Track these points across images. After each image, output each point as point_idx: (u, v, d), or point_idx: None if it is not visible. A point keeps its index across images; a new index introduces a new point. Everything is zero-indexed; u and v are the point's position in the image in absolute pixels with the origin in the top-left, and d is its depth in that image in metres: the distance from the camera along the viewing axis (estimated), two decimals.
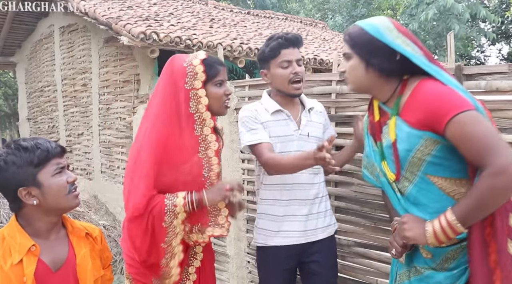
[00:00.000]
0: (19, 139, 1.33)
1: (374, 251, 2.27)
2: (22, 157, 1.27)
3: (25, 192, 1.28)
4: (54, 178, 1.31)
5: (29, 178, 1.28)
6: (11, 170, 1.26)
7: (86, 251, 1.42)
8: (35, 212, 1.32)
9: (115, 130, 5.09)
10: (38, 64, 7.51)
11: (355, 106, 2.34)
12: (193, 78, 1.65)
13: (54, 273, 1.34)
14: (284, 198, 1.98)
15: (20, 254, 1.26)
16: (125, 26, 3.69)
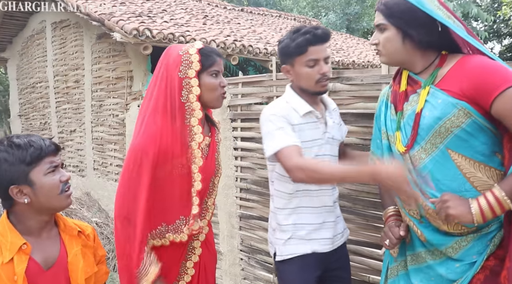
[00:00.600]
0: (12, 136, 1.31)
1: (366, 248, 2.29)
2: (14, 154, 1.25)
3: (16, 190, 1.26)
4: (46, 177, 1.29)
5: (21, 176, 1.26)
6: (2, 167, 1.25)
7: (77, 250, 1.40)
8: (26, 211, 1.30)
9: (107, 127, 5.06)
10: (30, 60, 7.45)
11: (347, 104, 2.34)
12: (187, 67, 1.61)
13: (45, 272, 1.33)
14: (315, 205, 1.79)
15: (11, 253, 1.25)
16: (118, 22, 3.66)
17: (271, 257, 2.74)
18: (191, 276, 1.79)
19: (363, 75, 2.27)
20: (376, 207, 2.24)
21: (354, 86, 2.31)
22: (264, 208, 2.82)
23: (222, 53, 4.03)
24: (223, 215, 3.09)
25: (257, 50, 4.50)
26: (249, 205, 2.92)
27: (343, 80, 2.34)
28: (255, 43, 4.76)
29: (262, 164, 2.80)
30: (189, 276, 1.78)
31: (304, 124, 1.70)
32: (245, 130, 2.92)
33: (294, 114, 1.70)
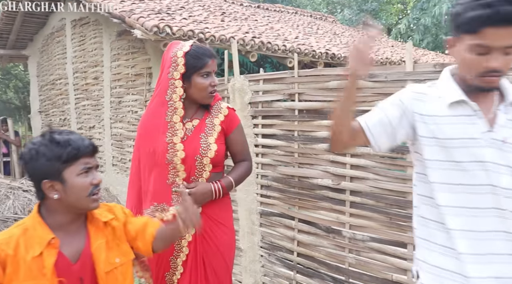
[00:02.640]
0: (54, 131, 1.34)
1: (389, 246, 2.27)
2: (52, 150, 1.29)
3: (48, 184, 1.30)
4: (78, 178, 1.32)
5: (54, 172, 1.30)
6: (40, 161, 1.29)
7: (102, 242, 1.42)
8: (56, 205, 1.34)
9: (126, 123, 5.11)
10: (50, 57, 7.55)
11: (371, 100, 2.32)
12: (174, 69, 1.81)
13: (73, 265, 1.35)
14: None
15: (40, 247, 1.28)
16: (138, 20, 3.69)
17: (292, 254, 2.76)
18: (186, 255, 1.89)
19: (387, 72, 2.25)
20: (400, 206, 2.22)
21: (377, 83, 2.30)
22: (285, 205, 2.82)
23: (241, 50, 4.05)
24: (243, 211, 3.10)
25: (276, 47, 4.49)
26: (269, 202, 2.92)
27: (367, 77, 2.32)
28: (273, 40, 4.74)
29: (283, 161, 2.80)
30: (184, 255, 1.89)
31: (449, 117, 1.25)
32: (266, 127, 2.92)
33: (435, 102, 1.28)
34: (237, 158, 2.04)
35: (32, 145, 1.31)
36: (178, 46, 1.85)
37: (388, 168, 2.28)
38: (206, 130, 1.90)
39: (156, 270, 1.93)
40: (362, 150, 2.35)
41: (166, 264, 1.91)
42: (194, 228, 1.50)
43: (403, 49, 8.17)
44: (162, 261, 1.91)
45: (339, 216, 2.49)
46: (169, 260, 1.91)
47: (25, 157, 1.32)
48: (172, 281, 1.92)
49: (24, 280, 1.25)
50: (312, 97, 2.64)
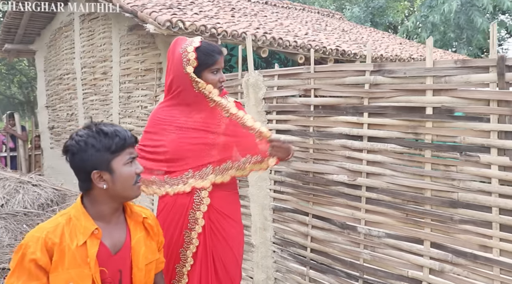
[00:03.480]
0: (99, 123, 1.40)
1: (405, 243, 2.27)
2: (101, 141, 1.34)
3: (97, 175, 1.35)
4: (125, 167, 1.38)
5: (103, 162, 1.35)
6: (89, 152, 1.33)
7: (141, 236, 1.48)
8: (101, 196, 1.38)
9: (136, 118, 5.10)
10: (58, 52, 7.55)
11: (389, 96, 2.32)
12: (187, 64, 1.83)
13: (113, 256, 1.40)
14: None
15: (84, 236, 1.32)
16: (151, 14, 3.68)
17: (305, 250, 2.76)
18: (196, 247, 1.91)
19: (406, 68, 2.24)
20: (416, 202, 2.21)
21: (396, 79, 2.29)
22: (298, 200, 2.82)
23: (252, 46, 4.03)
24: (255, 207, 3.10)
25: (287, 43, 4.48)
26: (283, 198, 2.92)
27: (385, 73, 2.32)
28: (284, 35, 4.73)
29: (297, 157, 2.79)
30: (194, 246, 1.91)
31: None
32: (280, 122, 2.91)
33: None
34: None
35: (80, 137, 1.35)
36: (187, 42, 1.88)
37: (406, 164, 2.27)
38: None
39: (166, 262, 1.94)
40: (379, 146, 2.34)
41: (176, 256, 1.94)
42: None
43: (411, 46, 8.13)
44: (173, 253, 1.94)
45: (354, 212, 2.49)
46: (179, 252, 1.94)
47: (72, 148, 1.35)
48: (182, 273, 1.95)
49: (69, 267, 1.29)
50: (328, 92, 2.63)
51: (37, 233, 1.30)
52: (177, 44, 1.90)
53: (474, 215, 2.01)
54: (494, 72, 1.93)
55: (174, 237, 1.92)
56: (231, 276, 1.98)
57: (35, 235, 1.30)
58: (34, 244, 1.27)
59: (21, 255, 1.28)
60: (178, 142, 1.88)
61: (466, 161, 2.03)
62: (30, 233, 1.32)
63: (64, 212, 1.40)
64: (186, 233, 1.92)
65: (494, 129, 1.94)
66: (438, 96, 2.12)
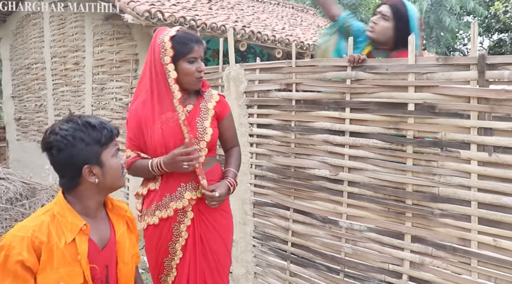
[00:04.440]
0: (83, 116, 1.34)
1: (386, 237, 2.30)
2: (90, 134, 1.29)
3: (88, 169, 1.30)
4: (113, 159, 1.36)
5: (94, 156, 1.30)
6: (79, 146, 1.28)
7: (124, 230, 1.46)
8: (90, 190, 1.34)
9: (110, 111, 4.98)
10: (25, 40, 7.27)
11: (371, 92, 2.34)
12: (164, 54, 1.81)
13: (100, 251, 1.36)
14: None
15: (72, 233, 1.28)
16: (129, 4, 3.58)
17: (286, 244, 2.77)
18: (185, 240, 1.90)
19: (388, 64, 2.27)
20: (398, 196, 2.25)
21: (378, 75, 2.31)
22: (279, 195, 2.82)
23: None
24: (235, 201, 3.08)
25: (265, 37, 4.47)
26: (263, 192, 2.91)
27: (367, 68, 2.34)
28: (262, 29, 4.71)
29: (279, 151, 2.79)
30: (183, 240, 1.90)
31: None
32: (262, 116, 2.90)
33: None
34: (229, 144, 2.10)
35: (65, 131, 1.28)
36: (165, 32, 1.86)
37: (387, 159, 2.30)
38: (201, 115, 1.93)
39: (155, 256, 1.94)
40: (361, 142, 2.37)
41: (165, 250, 1.92)
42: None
43: None
44: (161, 246, 1.92)
45: (336, 206, 2.51)
46: (168, 245, 1.91)
47: (59, 144, 1.27)
48: (171, 266, 1.93)
49: (58, 267, 1.24)
50: (309, 87, 2.63)
51: (20, 233, 1.23)
52: (157, 35, 1.88)
53: (454, 209, 2.06)
54: (474, 70, 1.98)
55: (163, 231, 1.89)
56: (222, 265, 2.00)
57: (18, 234, 1.22)
58: (19, 244, 1.20)
59: (4, 257, 1.20)
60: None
61: (447, 157, 2.08)
62: (10, 232, 1.24)
63: (45, 209, 1.34)
64: (175, 226, 1.89)
65: (474, 125, 1.99)
66: (420, 92, 2.15)
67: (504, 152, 1.91)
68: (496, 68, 1.93)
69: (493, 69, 1.94)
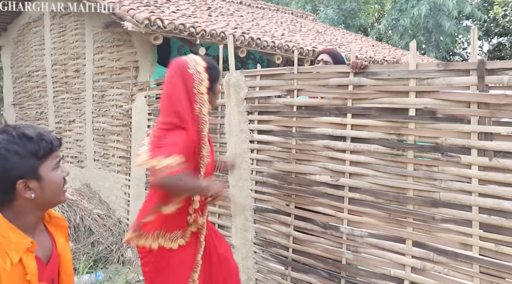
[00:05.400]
0: (19, 127, 1.22)
1: (387, 242, 2.30)
2: (26, 147, 1.18)
3: (23, 184, 1.19)
4: (53, 172, 1.25)
5: (30, 170, 1.19)
6: (12, 160, 1.16)
7: (63, 241, 1.38)
8: (27, 206, 1.23)
9: (110, 118, 4.98)
10: (26, 48, 7.29)
11: (373, 98, 2.35)
12: (200, 84, 1.89)
13: (46, 266, 1.29)
14: None
15: (18, 253, 1.18)
16: (129, 11, 3.60)
17: (287, 250, 2.77)
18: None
19: (390, 70, 2.28)
20: (399, 202, 2.26)
21: (379, 81, 2.32)
22: (280, 201, 2.82)
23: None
24: (236, 208, 3.08)
25: (265, 43, 4.48)
26: (264, 198, 2.91)
27: (369, 74, 2.35)
28: (261, 36, 4.73)
29: (279, 157, 2.80)
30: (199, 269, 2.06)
31: None
32: (262, 123, 2.90)
33: None
34: None
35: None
36: (191, 63, 1.90)
37: (388, 165, 2.30)
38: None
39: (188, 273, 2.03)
40: (362, 147, 2.37)
41: (193, 263, 2.05)
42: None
43: (383, 48, 8.31)
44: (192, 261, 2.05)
45: (337, 212, 2.51)
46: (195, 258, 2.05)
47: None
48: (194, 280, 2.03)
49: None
50: (311, 94, 2.64)
51: None
52: (180, 66, 1.90)
53: (455, 214, 2.06)
54: (474, 75, 1.99)
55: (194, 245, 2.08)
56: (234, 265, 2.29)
57: None
58: None
59: None
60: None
61: (448, 162, 2.08)
62: None
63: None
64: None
65: (475, 130, 2.00)
66: (420, 98, 2.16)
67: (505, 157, 1.92)
68: (495, 73, 1.94)
69: (493, 74, 1.95)
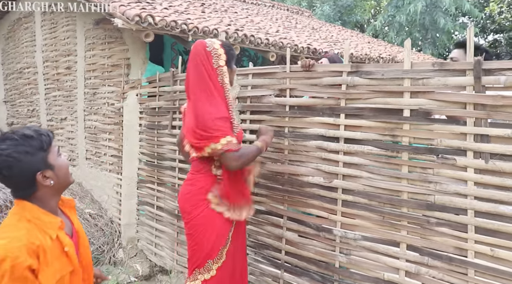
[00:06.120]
0: (16, 130, 1.41)
1: (381, 245, 2.26)
2: (32, 145, 1.39)
3: (41, 175, 1.41)
4: (59, 158, 1.48)
5: (41, 162, 1.41)
6: (26, 159, 1.37)
7: (76, 219, 1.63)
8: (48, 193, 1.45)
9: (102, 116, 4.90)
10: (17, 44, 7.18)
11: (366, 98, 2.29)
12: (218, 58, 2.17)
13: (71, 240, 1.53)
14: None
15: (54, 230, 1.43)
16: (119, 8, 3.52)
17: (280, 253, 2.72)
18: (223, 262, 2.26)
19: (384, 70, 2.22)
20: (393, 204, 2.21)
21: (373, 81, 2.26)
22: (272, 202, 2.77)
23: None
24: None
25: (259, 40, 4.41)
26: (256, 199, 2.86)
27: (363, 74, 2.29)
28: (255, 33, 4.65)
29: (271, 158, 2.74)
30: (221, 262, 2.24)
31: None
32: (255, 122, 2.84)
33: None
34: None
35: (6, 150, 1.35)
36: (208, 43, 2.19)
37: (382, 167, 2.25)
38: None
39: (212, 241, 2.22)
40: (356, 148, 2.32)
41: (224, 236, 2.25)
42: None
43: (379, 45, 8.25)
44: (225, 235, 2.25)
45: (330, 214, 2.46)
46: (219, 249, 2.21)
47: (7, 164, 1.35)
48: (222, 253, 2.23)
49: (52, 261, 1.39)
50: (304, 93, 2.58)
51: (16, 243, 1.31)
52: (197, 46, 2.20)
53: (450, 218, 2.01)
54: (470, 75, 1.94)
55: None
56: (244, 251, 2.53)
57: (15, 245, 1.31)
58: (21, 253, 1.30)
59: (11, 268, 1.28)
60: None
61: (443, 164, 2.03)
62: (3, 246, 1.30)
63: (15, 219, 1.41)
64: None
65: (470, 132, 1.95)
66: (415, 98, 2.11)
67: (501, 159, 1.87)
68: (492, 73, 1.89)
69: (489, 74, 1.90)
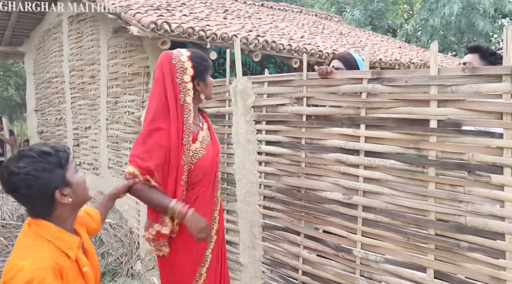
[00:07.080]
0: (33, 148, 1.37)
1: (406, 270, 2.04)
2: (50, 162, 1.34)
3: (59, 193, 1.36)
4: (77, 175, 1.42)
5: (60, 179, 1.36)
6: (45, 176, 1.32)
7: (86, 236, 1.58)
8: (66, 211, 1.41)
9: (123, 125, 4.87)
10: (46, 54, 7.33)
11: (388, 107, 2.09)
12: (183, 73, 1.87)
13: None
14: None
15: (73, 251, 1.41)
16: (135, 16, 3.45)
17: (296, 272, 2.53)
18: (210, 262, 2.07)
19: (408, 76, 2.01)
20: (418, 225, 1.99)
21: (396, 88, 2.06)
22: (289, 218, 2.59)
23: (244, 49, 3.83)
24: (244, 223, 2.87)
25: (281, 46, 4.25)
26: (273, 215, 2.68)
27: (384, 81, 2.09)
28: (278, 39, 4.50)
29: (288, 171, 2.56)
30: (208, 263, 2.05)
31: None
32: (271, 133, 2.68)
33: None
34: None
35: (24, 168, 1.30)
36: (175, 54, 1.90)
37: (406, 183, 2.04)
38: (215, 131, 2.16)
39: (191, 267, 2.00)
40: (377, 162, 2.11)
41: (200, 259, 2.02)
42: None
43: (411, 50, 7.93)
44: (197, 256, 2.01)
45: (349, 233, 2.26)
46: (203, 254, 2.02)
47: (27, 182, 1.30)
48: (201, 273, 2.02)
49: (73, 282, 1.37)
50: (322, 102, 2.40)
51: (43, 264, 1.29)
52: (164, 58, 1.90)
53: (484, 243, 1.78)
54: (508, 81, 1.71)
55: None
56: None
57: (42, 266, 1.28)
58: (48, 275, 1.28)
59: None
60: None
61: (475, 181, 1.80)
62: (28, 267, 1.26)
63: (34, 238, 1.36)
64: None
65: (508, 146, 1.71)
66: (443, 107, 1.89)
67: None
68: None
69: None
